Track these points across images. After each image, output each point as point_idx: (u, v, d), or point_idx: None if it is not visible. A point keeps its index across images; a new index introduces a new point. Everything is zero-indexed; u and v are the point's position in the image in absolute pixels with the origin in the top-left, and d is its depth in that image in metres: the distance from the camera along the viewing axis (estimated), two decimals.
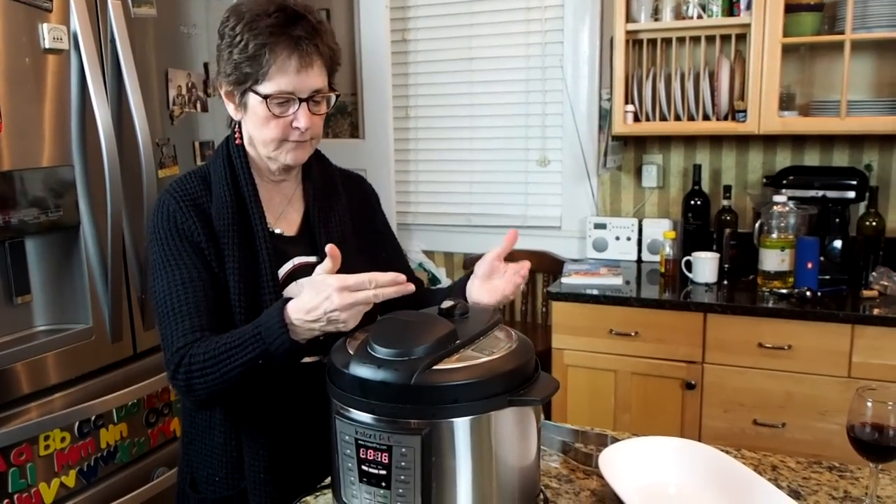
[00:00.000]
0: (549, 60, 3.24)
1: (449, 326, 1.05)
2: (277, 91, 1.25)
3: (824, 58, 2.79)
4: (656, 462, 1.26)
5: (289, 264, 1.36)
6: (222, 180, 1.33)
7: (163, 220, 1.30)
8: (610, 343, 2.65)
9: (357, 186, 1.54)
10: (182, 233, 1.28)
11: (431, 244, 3.59)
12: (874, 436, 1.15)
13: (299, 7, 1.28)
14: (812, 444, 2.41)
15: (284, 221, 1.40)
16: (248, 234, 1.31)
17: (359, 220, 1.49)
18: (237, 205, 1.32)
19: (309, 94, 1.27)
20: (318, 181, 1.44)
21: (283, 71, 1.24)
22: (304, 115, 1.27)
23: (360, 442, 0.99)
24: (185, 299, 1.25)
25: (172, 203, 1.30)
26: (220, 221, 1.30)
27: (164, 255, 1.28)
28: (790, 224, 2.60)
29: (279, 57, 1.23)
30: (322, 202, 1.43)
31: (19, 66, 1.86)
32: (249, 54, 1.23)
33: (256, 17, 1.24)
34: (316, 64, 1.27)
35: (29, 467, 1.89)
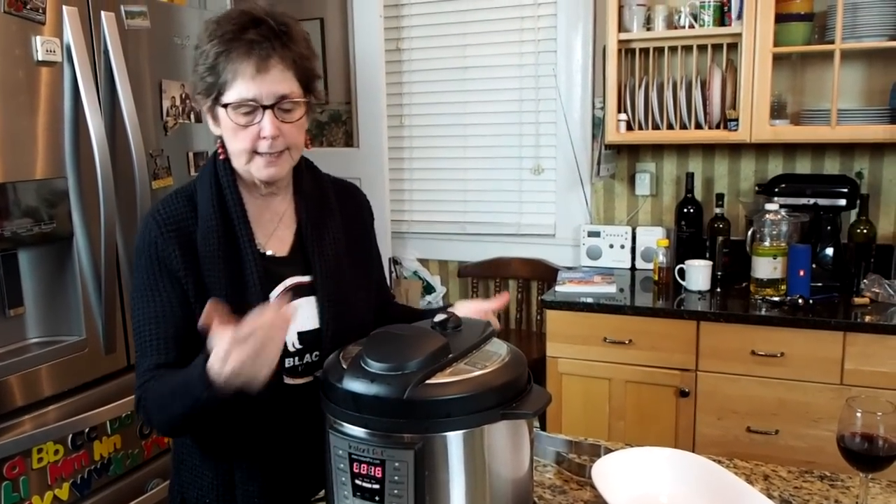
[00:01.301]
0: (542, 69, 3.26)
1: (442, 340, 1.05)
2: (238, 99, 1.20)
3: (815, 67, 2.81)
4: (649, 472, 1.27)
5: (281, 286, 1.31)
6: (208, 200, 1.28)
7: (144, 247, 1.27)
8: (604, 351, 2.66)
9: (351, 199, 1.49)
10: (162, 261, 1.25)
11: (426, 252, 3.59)
12: (864, 446, 1.16)
13: (261, 11, 1.23)
14: (805, 451, 2.42)
15: (276, 240, 1.35)
16: (235, 256, 1.27)
17: (352, 236, 1.43)
18: (224, 226, 1.27)
19: (274, 100, 1.21)
20: (311, 196, 1.39)
21: (240, 76, 1.19)
22: (268, 122, 1.21)
23: (353, 456, 1.00)
24: (155, 334, 1.23)
25: (155, 229, 1.26)
26: (205, 246, 1.25)
27: (142, 284, 1.26)
28: (782, 232, 2.61)
29: (234, 62, 1.19)
30: (315, 219, 1.37)
31: (12, 78, 1.86)
32: (210, 64, 1.21)
33: (218, 27, 1.21)
34: (276, 67, 1.21)
35: (22, 480, 1.89)
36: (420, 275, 3.59)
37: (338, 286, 1.34)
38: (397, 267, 3.58)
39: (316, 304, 1.32)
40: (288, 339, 1.28)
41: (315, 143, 3.65)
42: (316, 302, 1.32)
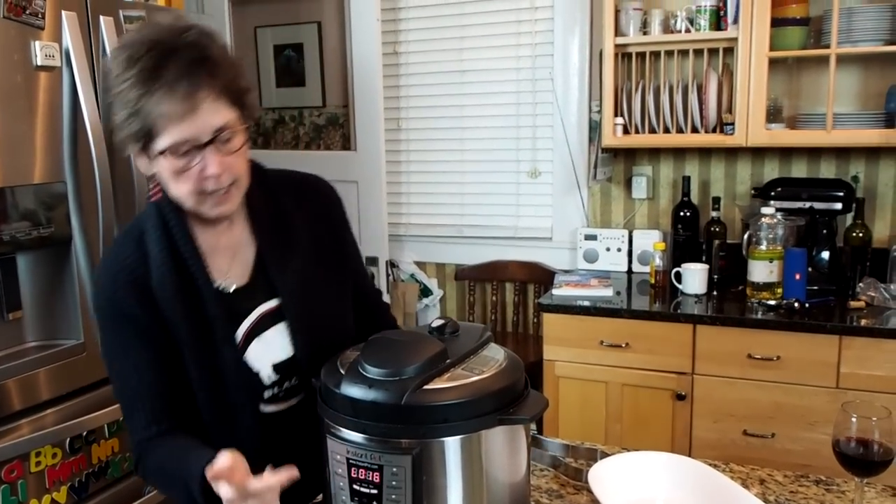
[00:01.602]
0: (539, 73, 3.27)
1: (439, 346, 1.06)
2: (172, 143, 1.09)
3: (810, 71, 2.82)
4: (645, 477, 1.27)
5: (248, 321, 1.24)
6: (157, 243, 1.19)
7: (104, 304, 1.21)
8: (601, 354, 2.67)
9: (312, 197, 1.36)
10: (126, 317, 1.18)
11: (423, 255, 3.60)
12: (859, 450, 1.17)
13: (173, 36, 1.10)
14: (801, 455, 2.43)
15: (236, 267, 1.26)
16: (195, 298, 1.19)
17: (320, 240, 1.33)
18: (178, 268, 1.19)
19: (211, 135, 1.11)
20: (266, 214, 1.28)
21: (169, 120, 1.08)
22: (211, 160, 1.11)
23: (351, 461, 1.00)
24: (137, 389, 1.19)
25: (110, 285, 1.19)
26: (161, 292, 1.18)
27: (110, 341, 1.22)
28: (778, 235, 2.62)
29: (159, 104, 1.07)
30: (275, 239, 1.28)
31: (11, 83, 1.87)
32: (130, 110, 1.08)
33: (128, 65, 1.08)
34: (205, 101, 1.09)
35: (20, 484, 1.89)
36: (417, 278, 3.60)
37: (308, 307, 1.28)
38: (394, 270, 3.58)
39: (287, 331, 1.26)
40: (262, 371, 1.24)
41: (312, 146, 3.66)
42: (286, 328, 1.26)
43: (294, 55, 3.61)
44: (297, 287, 1.26)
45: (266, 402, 1.26)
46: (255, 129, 3.74)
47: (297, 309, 1.26)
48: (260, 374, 1.24)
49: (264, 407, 1.26)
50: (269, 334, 1.25)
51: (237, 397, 1.22)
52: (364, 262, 1.51)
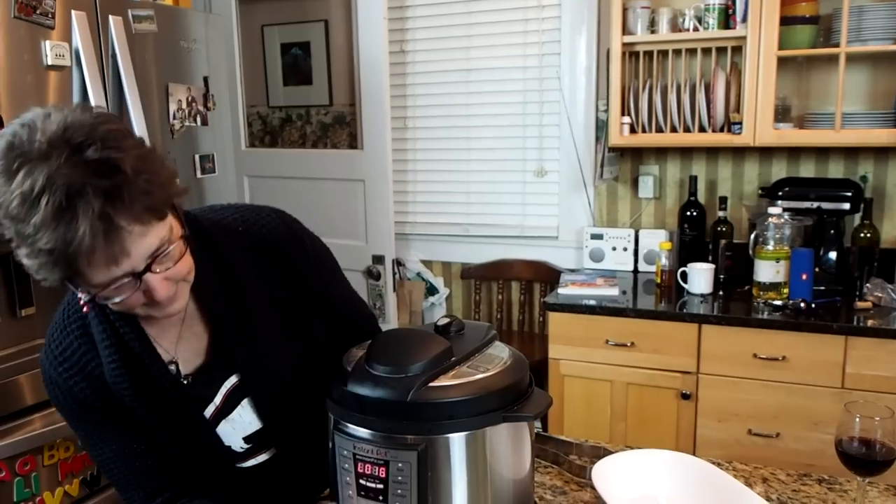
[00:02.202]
0: (546, 72, 3.27)
1: (445, 344, 1.07)
2: (104, 282, 0.94)
3: (820, 70, 2.82)
4: (648, 475, 1.28)
5: (213, 405, 1.17)
6: (104, 339, 1.08)
7: (61, 398, 1.12)
8: (606, 353, 2.67)
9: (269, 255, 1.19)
10: (87, 407, 1.11)
11: (429, 254, 3.61)
12: (862, 450, 1.17)
13: (72, 170, 0.87)
14: (806, 455, 2.44)
15: (188, 350, 1.16)
16: (155, 390, 1.11)
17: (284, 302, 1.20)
18: (129, 361, 1.09)
19: (147, 261, 0.95)
20: (217, 292, 1.13)
21: (94, 268, 0.91)
22: (155, 285, 0.97)
23: (357, 456, 1.01)
24: (126, 470, 1.15)
25: (62, 380, 1.10)
26: (118, 389, 1.09)
27: (82, 433, 1.16)
28: (785, 235, 2.62)
29: (80, 257, 0.88)
30: (228, 313, 1.14)
31: (22, 82, 1.89)
32: (42, 261, 0.89)
33: (26, 207, 0.87)
34: (131, 235, 0.91)
35: (34, 477, 1.92)
36: (423, 276, 3.61)
37: (273, 379, 1.19)
38: (400, 268, 3.59)
39: (252, 407, 1.20)
40: (234, 444, 1.21)
41: (319, 144, 3.67)
42: (251, 404, 1.19)
43: (301, 53, 3.63)
44: (257, 360, 1.17)
45: (242, 461, 1.23)
46: (262, 128, 3.76)
47: (261, 384, 1.18)
48: (231, 447, 1.21)
49: (241, 464, 1.23)
50: (235, 414, 1.19)
51: (213, 463, 1.20)
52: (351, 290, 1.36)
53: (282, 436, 1.22)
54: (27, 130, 0.89)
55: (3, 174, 0.88)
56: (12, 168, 0.87)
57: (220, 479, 1.21)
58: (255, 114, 3.76)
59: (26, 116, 0.92)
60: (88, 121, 0.91)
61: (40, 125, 0.89)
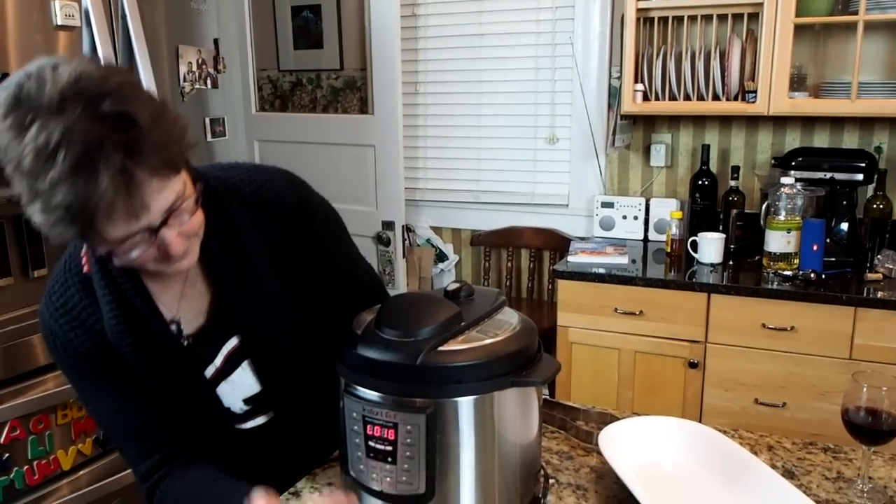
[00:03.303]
0: (559, 37, 3.23)
1: (454, 308, 1.07)
2: (120, 237, 0.93)
3: (837, 38, 2.77)
4: (655, 441, 1.29)
5: (213, 366, 1.17)
6: (106, 294, 1.07)
7: (60, 350, 1.11)
8: (614, 321, 2.68)
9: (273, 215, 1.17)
10: (87, 360, 1.10)
11: (439, 220, 3.61)
12: (868, 419, 1.18)
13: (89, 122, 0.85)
14: (811, 424, 2.45)
15: (190, 309, 1.15)
16: (155, 348, 1.10)
17: (288, 263, 1.19)
18: (133, 323, 1.08)
19: (164, 216, 0.94)
20: (218, 243, 1.11)
21: (113, 223, 0.90)
22: (171, 241, 0.96)
23: (367, 419, 1.03)
24: (124, 425, 1.15)
25: (61, 332, 1.09)
26: (119, 345, 1.08)
27: (80, 386, 1.15)
28: (797, 206, 2.60)
29: (98, 213, 0.87)
30: (231, 273, 1.13)
31: (31, 42, 1.88)
32: (57, 217, 0.88)
33: (42, 160, 0.85)
34: (149, 189, 0.90)
35: (48, 435, 1.95)
36: (433, 242, 3.62)
37: (273, 342, 1.18)
38: (410, 234, 3.60)
39: (252, 369, 1.19)
40: (234, 406, 1.21)
41: (330, 109, 3.66)
42: (251, 366, 1.19)
43: (312, 17, 3.59)
44: (258, 322, 1.16)
45: (241, 422, 1.24)
46: (272, 92, 3.74)
47: (261, 346, 1.18)
48: (231, 408, 1.21)
49: (240, 425, 1.24)
50: (235, 375, 1.19)
51: (212, 424, 1.21)
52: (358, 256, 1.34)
53: (281, 399, 1.22)
54: (35, 82, 0.86)
55: (13, 128, 0.86)
56: (24, 122, 0.85)
57: (219, 440, 1.22)
58: (266, 77, 3.73)
59: (31, 68, 0.89)
60: (99, 73, 0.89)
61: (49, 77, 0.86)
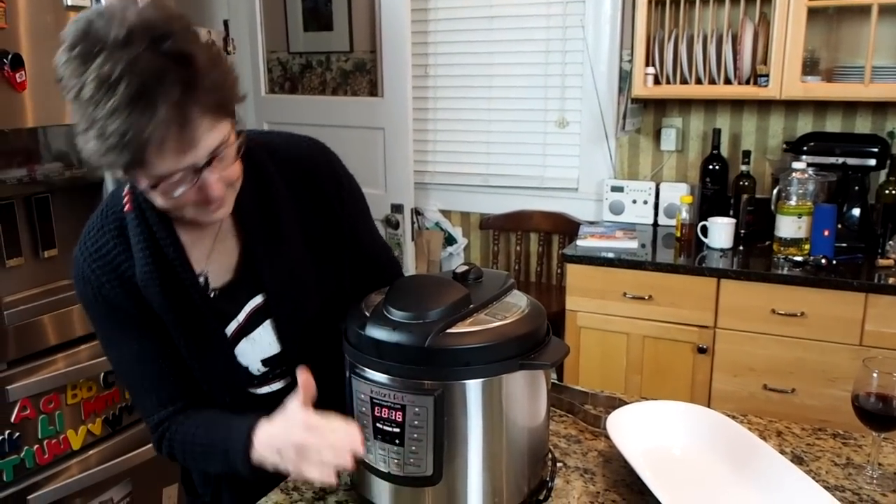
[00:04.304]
0: (570, 20, 3.21)
1: (463, 291, 1.07)
2: (165, 173, 0.96)
3: (851, 22, 2.74)
4: (663, 425, 1.29)
5: (236, 322, 1.19)
6: (140, 242, 1.10)
7: (89, 294, 1.14)
8: (623, 306, 2.68)
9: (308, 180, 1.22)
10: (114, 306, 1.13)
11: (448, 203, 3.60)
12: (878, 405, 1.17)
13: (151, 55, 0.90)
14: (820, 410, 2.44)
15: (218, 260, 1.18)
16: (183, 298, 1.13)
17: (315, 228, 1.22)
18: (162, 267, 1.11)
19: (209, 157, 0.98)
20: (252, 201, 1.16)
21: (162, 156, 0.94)
22: (212, 183, 1.00)
23: (374, 400, 1.03)
24: (142, 375, 1.17)
25: (94, 276, 1.12)
26: (148, 292, 1.11)
27: (103, 331, 1.18)
28: (809, 191, 2.58)
29: (151, 143, 0.91)
30: (262, 232, 1.18)
31: (42, 23, 1.88)
32: (111, 143, 0.91)
33: (103, 90, 0.89)
34: (201, 127, 0.95)
35: (57, 415, 1.97)
36: (442, 226, 3.61)
37: (296, 304, 1.21)
38: (419, 217, 3.59)
39: (274, 329, 1.22)
40: (251, 366, 1.23)
41: (339, 91, 3.64)
42: (273, 326, 1.21)
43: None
44: (284, 283, 1.19)
45: (256, 387, 1.26)
46: (282, 74, 3.73)
47: (285, 306, 1.20)
48: (249, 368, 1.23)
49: (255, 390, 1.25)
50: (256, 333, 1.21)
51: (228, 384, 1.22)
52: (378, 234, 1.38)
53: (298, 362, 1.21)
54: (105, 20, 0.91)
55: (78, 58, 0.91)
56: (91, 52, 0.90)
57: (234, 403, 1.23)
58: (276, 59, 3.72)
59: (100, 7, 0.95)
60: (163, 15, 0.95)
61: (118, 15, 0.92)
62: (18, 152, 1.85)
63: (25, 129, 1.85)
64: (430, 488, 1.04)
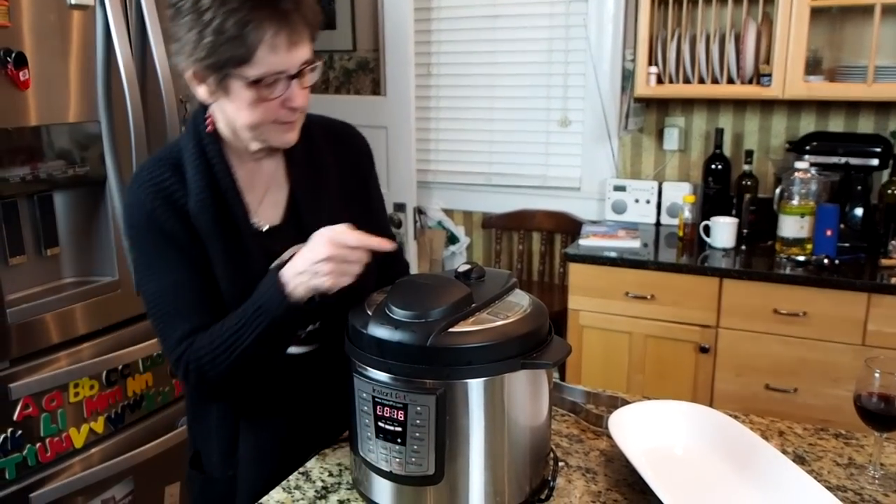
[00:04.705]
0: (572, 19, 3.21)
1: (465, 290, 1.07)
2: (267, 72, 1.10)
3: (854, 21, 2.74)
4: (665, 425, 1.29)
5: (277, 261, 1.23)
6: (196, 172, 1.19)
7: (141, 219, 1.19)
8: (625, 305, 2.67)
9: (347, 145, 1.38)
10: (162, 231, 1.18)
11: (451, 202, 3.60)
12: (880, 405, 1.17)
13: None
14: (823, 410, 2.44)
15: (268, 205, 1.28)
16: (233, 232, 1.20)
17: (349, 190, 1.34)
18: (216, 200, 1.19)
19: (299, 68, 1.13)
20: (302, 158, 1.29)
21: (272, 50, 1.08)
22: (297, 92, 1.14)
23: (377, 399, 1.03)
24: (176, 302, 1.19)
25: (149, 201, 1.18)
26: (200, 221, 1.18)
27: (147, 258, 1.20)
28: (811, 191, 2.58)
29: (266, 35, 1.07)
30: (308, 182, 1.29)
31: (46, 22, 1.88)
32: (229, 35, 1.05)
33: None
34: (303, 37, 1.12)
35: (60, 413, 1.97)
36: (444, 225, 3.61)
37: None
38: (422, 216, 3.59)
39: None
40: None
41: (342, 90, 3.65)
42: None
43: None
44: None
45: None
46: None
47: None
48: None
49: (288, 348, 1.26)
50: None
51: None
52: (389, 223, 1.47)
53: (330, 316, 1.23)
54: None
55: None
56: None
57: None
58: None
59: None
60: None
61: None
62: (22, 150, 1.85)
63: (29, 127, 1.85)
64: (432, 487, 1.04)
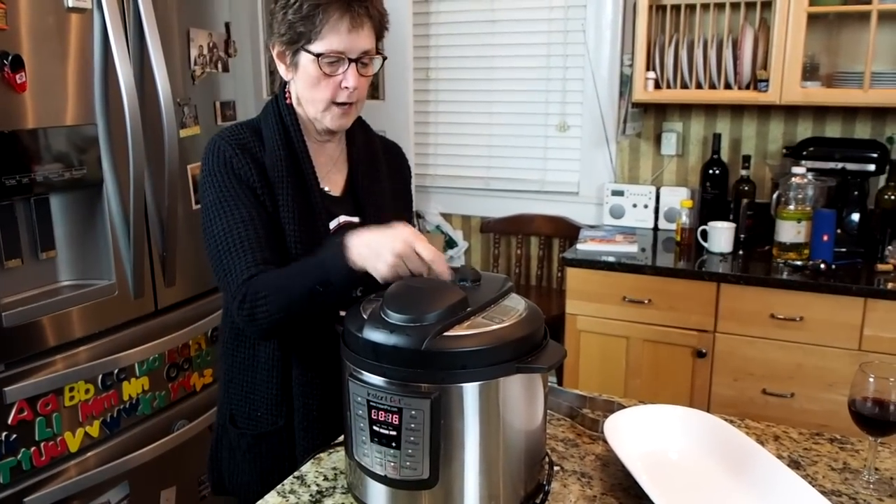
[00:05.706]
0: (571, 24, 3.21)
1: (460, 294, 1.07)
2: (329, 50, 1.30)
3: (851, 27, 2.74)
4: (660, 429, 1.29)
5: (335, 222, 1.43)
6: (275, 135, 1.38)
7: (218, 164, 1.35)
8: (623, 310, 2.68)
9: (395, 155, 1.59)
10: (238, 176, 1.34)
11: (449, 207, 3.61)
12: (875, 410, 1.17)
13: None
14: (819, 415, 2.44)
15: (330, 181, 1.46)
16: (302, 187, 1.38)
17: (394, 189, 1.54)
18: (290, 159, 1.37)
19: (358, 54, 1.32)
20: (362, 147, 1.50)
21: (335, 30, 1.29)
22: (352, 74, 1.33)
23: (371, 403, 1.03)
24: (245, 236, 1.31)
25: (228, 149, 1.35)
26: (274, 172, 1.36)
27: (221, 197, 1.34)
28: (808, 196, 2.59)
29: (332, 17, 1.29)
30: (365, 167, 1.49)
31: (43, 25, 1.88)
32: (303, 14, 1.29)
33: None
34: (366, 25, 1.32)
35: (55, 417, 1.96)
36: (442, 229, 3.61)
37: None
38: (420, 221, 3.60)
39: None
40: None
41: None
42: None
43: None
44: (377, 208, 1.46)
45: None
46: None
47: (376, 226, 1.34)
48: None
49: None
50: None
51: None
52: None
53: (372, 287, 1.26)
54: None
55: None
56: None
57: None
58: None
59: None
60: None
61: None
62: (18, 153, 1.85)
63: (26, 129, 1.85)
64: (427, 492, 1.04)
